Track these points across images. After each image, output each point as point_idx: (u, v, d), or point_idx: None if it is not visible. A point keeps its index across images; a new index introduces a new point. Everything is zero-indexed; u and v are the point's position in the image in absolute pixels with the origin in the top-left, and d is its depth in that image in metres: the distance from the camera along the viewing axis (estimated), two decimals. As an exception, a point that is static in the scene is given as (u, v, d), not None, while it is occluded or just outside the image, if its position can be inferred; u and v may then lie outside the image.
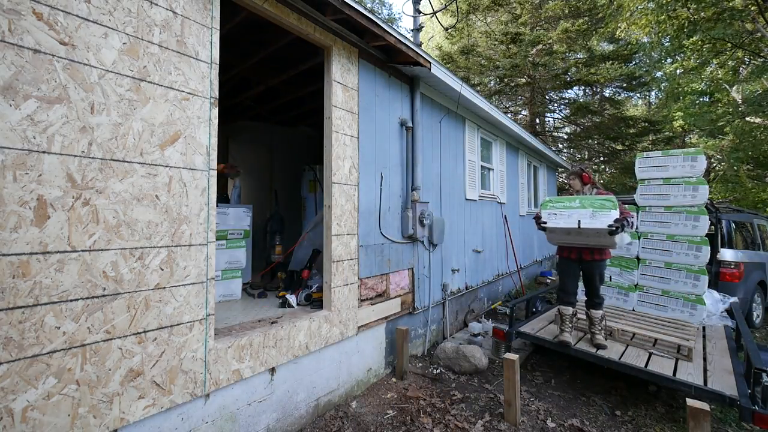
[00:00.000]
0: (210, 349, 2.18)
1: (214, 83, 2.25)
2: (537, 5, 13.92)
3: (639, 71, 13.31)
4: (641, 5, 9.91)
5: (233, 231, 3.69)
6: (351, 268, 3.29)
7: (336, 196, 3.16)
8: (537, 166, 9.32)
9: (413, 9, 7.10)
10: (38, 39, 1.58)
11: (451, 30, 13.12)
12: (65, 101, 1.65)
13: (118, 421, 1.78)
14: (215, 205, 2.25)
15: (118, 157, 1.82)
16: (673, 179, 4.40)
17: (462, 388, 3.52)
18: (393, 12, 28.97)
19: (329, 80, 3.17)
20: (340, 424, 2.87)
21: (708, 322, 4.26)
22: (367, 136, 3.55)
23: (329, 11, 2.90)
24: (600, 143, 14.68)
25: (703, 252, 4.17)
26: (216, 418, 2.26)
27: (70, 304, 1.65)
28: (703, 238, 4.21)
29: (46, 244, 1.59)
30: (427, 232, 4.29)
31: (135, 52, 1.89)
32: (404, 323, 3.97)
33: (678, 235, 4.36)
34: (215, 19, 2.27)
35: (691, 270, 4.23)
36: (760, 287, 5.64)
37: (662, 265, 4.40)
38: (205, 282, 2.17)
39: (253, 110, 5.77)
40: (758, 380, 2.56)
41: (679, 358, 3.25)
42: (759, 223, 6.43)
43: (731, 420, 3.08)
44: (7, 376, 1.48)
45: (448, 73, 4.34)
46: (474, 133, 5.80)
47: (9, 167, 1.50)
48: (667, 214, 4.45)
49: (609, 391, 3.53)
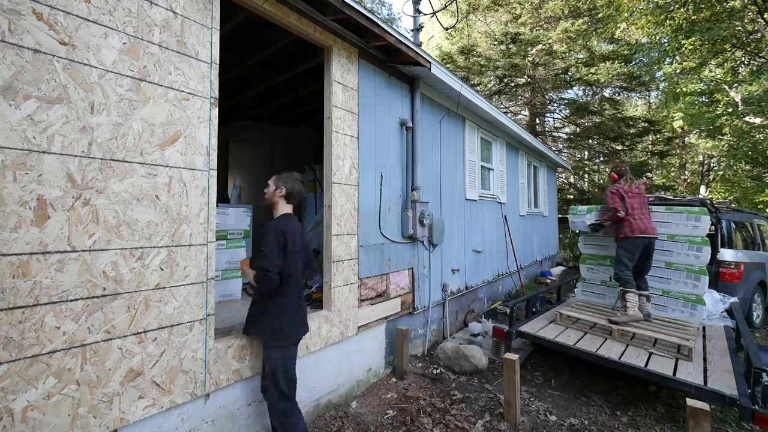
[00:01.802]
0: (210, 349, 2.18)
1: (214, 83, 2.25)
2: (537, 5, 13.92)
3: (639, 71, 13.31)
4: (641, 5, 9.91)
5: (233, 231, 3.69)
6: (351, 268, 3.29)
7: (336, 196, 3.16)
8: (537, 166, 9.32)
9: (413, 9, 7.09)
10: (38, 39, 1.58)
11: (451, 30, 13.13)
12: (65, 101, 1.65)
13: (118, 421, 1.78)
14: (215, 205, 2.25)
15: (118, 157, 1.82)
16: (677, 236, 4.38)
17: (462, 388, 3.52)
18: (393, 12, 28.98)
19: (329, 80, 3.17)
20: (340, 424, 2.87)
21: (708, 322, 4.26)
22: (367, 136, 3.56)
23: (329, 11, 2.90)
24: (600, 143, 14.67)
25: (703, 252, 4.17)
26: (216, 418, 2.26)
27: (70, 304, 1.65)
28: (703, 238, 4.21)
29: (46, 244, 1.59)
30: (427, 232, 4.29)
31: (135, 52, 1.89)
32: (404, 323, 3.97)
33: (678, 235, 4.36)
34: (215, 19, 2.27)
35: (692, 270, 4.23)
36: (760, 287, 5.64)
37: (662, 265, 4.40)
38: (205, 282, 2.17)
39: (253, 110, 5.77)
40: (758, 380, 2.56)
41: (679, 358, 3.25)
42: (759, 223, 6.43)
43: (731, 420, 3.08)
44: (7, 376, 1.48)
45: (448, 73, 4.34)
46: (474, 133, 5.80)
47: (9, 167, 1.50)
48: (668, 214, 4.45)
49: (609, 391, 3.54)
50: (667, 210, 4.46)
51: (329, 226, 3.13)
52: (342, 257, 3.19)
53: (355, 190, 3.38)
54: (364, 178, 3.52)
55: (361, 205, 3.45)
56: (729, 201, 12.30)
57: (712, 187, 17.18)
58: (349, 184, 3.31)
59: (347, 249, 3.26)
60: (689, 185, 19.23)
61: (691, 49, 9.72)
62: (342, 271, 3.19)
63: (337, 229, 3.16)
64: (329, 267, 3.10)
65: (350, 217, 3.31)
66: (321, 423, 2.89)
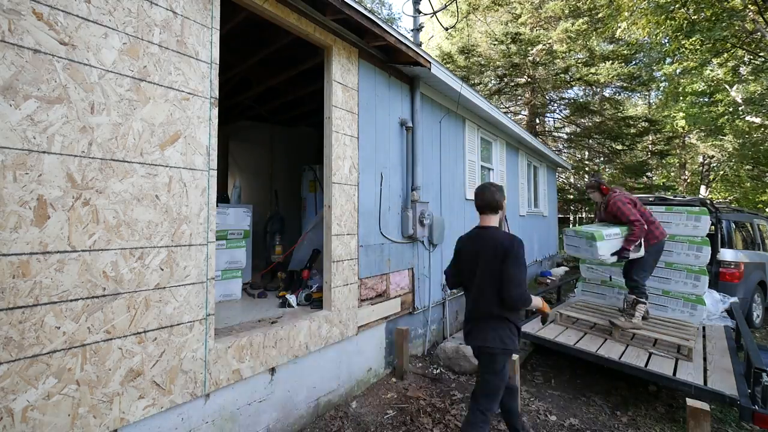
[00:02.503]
0: (210, 349, 2.18)
1: (214, 83, 2.25)
2: (537, 5, 13.92)
3: (639, 71, 13.31)
4: (641, 5, 9.91)
5: (233, 231, 3.69)
6: (351, 268, 3.29)
7: (336, 196, 3.16)
8: (537, 166, 9.32)
9: (413, 9, 7.09)
10: (38, 39, 1.58)
11: (451, 30, 13.12)
12: (65, 101, 1.65)
13: (118, 421, 1.78)
14: (215, 205, 2.25)
15: (118, 157, 1.82)
16: (677, 236, 4.35)
17: (462, 388, 3.52)
18: (393, 12, 28.98)
19: (329, 80, 3.17)
20: (340, 424, 2.87)
21: (708, 322, 4.26)
22: (367, 136, 3.55)
23: (329, 11, 2.90)
24: (600, 143, 14.67)
25: (703, 252, 4.17)
26: (216, 418, 2.26)
27: (70, 304, 1.65)
28: (703, 238, 4.20)
29: (46, 244, 1.59)
30: (427, 232, 4.29)
31: (135, 52, 1.89)
32: (404, 323, 3.97)
33: (678, 235, 4.36)
34: (215, 19, 2.27)
35: (692, 270, 4.23)
36: (760, 287, 5.64)
37: (662, 265, 4.40)
38: (205, 282, 2.17)
39: (253, 110, 5.76)
40: (758, 380, 2.56)
41: (679, 358, 3.25)
42: (759, 223, 6.43)
43: (731, 420, 3.08)
44: (7, 376, 1.48)
45: (448, 73, 4.34)
46: (474, 133, 5.79)
47: (9, 167, 1.50)
48: (668, 214, 4.45)
49: (609, 391, 3.54)
50: (667, 210, 4.45)
51: (329, 226, 3.13)
52: (342, 257, 3.19)
53: (355, 190, 3.38)
54: (364, 178, 3.52)
55: (361, 205, 3.45)
56: (729, 201, 12.29)
57: (712, 187, 17.19)
58: (349, 184, 3.31)
59: (347, 249, 3.26)
60: (689, 185, 19.24)
61: (691, 49, 9.73)
62: (342, 271, 3.19)
63: (337, 229, 3.16)
64: (329, 267, 3.10)
65: (350, 217, 3.31)
66: (321, 423, 2.89)
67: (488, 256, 2.17)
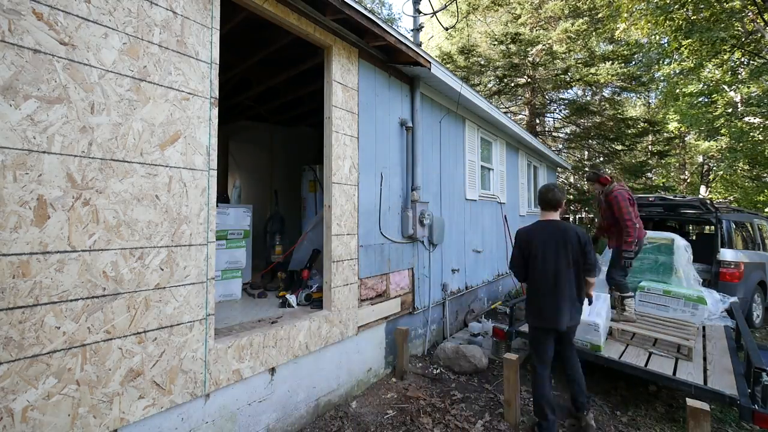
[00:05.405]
0: (210, 349, 2.18)
1: (214, 83, 2.25)
2: (537, 5, 13.92)
3: (638, 71, 13.31)
4: (640, 5, 9.91)
5: (233, 231, 3.69)
6: (351, 268, 3.29)
7: (336, 196, 3.16)
8: (537, 166, 9.33)
9: (413, 9, 7.10)
10: (38, 39, 1.58)
11: (451, 30, 13.12)
12: (65, 101, 1.65)
13: (118, 421, 1.78)
14: (215, 205, 2.25)
15: (118, 157, 1.82)
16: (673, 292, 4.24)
17: (462, 388, 3.52)
18: (393, 12, 29.00)
19: (329, 80, 3.17)
20: (340, 424, 2.87)
21: (708, 322, 4.26)
22: (367, 136, 3.55)
23: (329, 11, 2.90)
24: (600, 143, 14.67)
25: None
26: (216, 418, 2.26)
27: (70, 304, 1.65)
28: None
29: (46, 244, 1.59)
30: (427, 232, 4.29)
31: (135, 52, 1.89)
32: (404, 323, 3.97)
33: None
34: (215, 19, 2.28)
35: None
36: (760, 287, 5.64)
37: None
38: (205, 282, 2.17)
39: (253, 110, 5.77)
40: (758, 380, 2.56)
41: (679, 358, 3.25)
42: (759, 223, 6.44)
43: (731, 420, 3.08)
44: (7, 376, 1.48)
45: (448, 73, 4.34)
46: (474, 133, 5.80)
47: (9, 167, 1.50)
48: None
49: (609, 391, 3.53)
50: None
51: (329, 226, 3.13)
52: (342, 257, 3.19)
53: (355, 190, 3.38)
54: (364, 178, 3.52)
55: (361, 205, 3.45)
56: (729, 201, 12.30)
57: (712, 187, 17.18)
58: (349, 184, 3.31)
59: (347, 249, 3.26)
60: (689, 185, 19.24)
61: (690, 50, 9.73)
62: (342, 271, 3.19)
63: (337, 229, 3.16)
64: (329, 267, 3.10)
65: (350, 217, 3.31)
66: (321, 423, 2.89)
67: (570, 241, 2.63)
